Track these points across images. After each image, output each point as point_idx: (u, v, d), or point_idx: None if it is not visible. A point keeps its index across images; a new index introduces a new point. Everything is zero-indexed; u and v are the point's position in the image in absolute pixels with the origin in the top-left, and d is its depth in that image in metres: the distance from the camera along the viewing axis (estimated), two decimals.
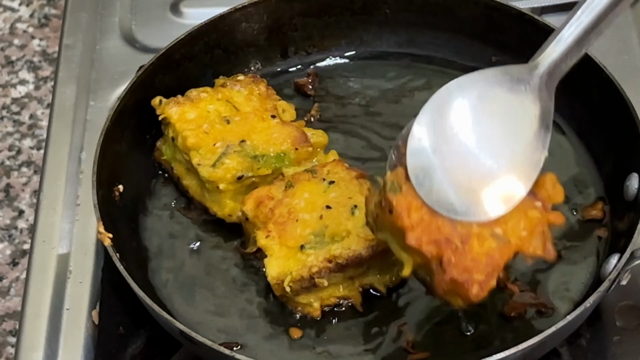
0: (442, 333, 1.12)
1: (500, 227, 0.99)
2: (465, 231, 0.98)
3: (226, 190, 1.17)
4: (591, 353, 1.13)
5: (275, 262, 1.10)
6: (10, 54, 1.59)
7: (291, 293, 1.10)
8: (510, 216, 1.00)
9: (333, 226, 1.11)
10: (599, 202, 1.20)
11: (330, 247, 1.10)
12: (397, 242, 1.02)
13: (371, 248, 1.09)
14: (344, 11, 1.34)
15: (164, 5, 1.48)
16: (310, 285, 1.10)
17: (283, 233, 1.11)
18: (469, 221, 0.99)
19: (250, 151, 1.18)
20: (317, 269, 1.09)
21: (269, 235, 1.11)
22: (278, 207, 1.13)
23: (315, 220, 1.12)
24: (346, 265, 1.09)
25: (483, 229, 0.99)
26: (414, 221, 0.98)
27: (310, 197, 1.13)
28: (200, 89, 1.24)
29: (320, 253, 1.10)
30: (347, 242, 1.10)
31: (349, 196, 1.13)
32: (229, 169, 1.16)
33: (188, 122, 1.20)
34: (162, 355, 1.13)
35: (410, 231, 0.98)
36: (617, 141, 1.20)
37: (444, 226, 0.98)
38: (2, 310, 1.35)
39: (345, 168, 1.16)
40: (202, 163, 1.17)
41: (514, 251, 1.00)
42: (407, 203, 0.98)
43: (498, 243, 0.99)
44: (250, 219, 1.14)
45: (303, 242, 1.10)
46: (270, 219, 1.12)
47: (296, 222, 1.11)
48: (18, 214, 1.42)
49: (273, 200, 1.14)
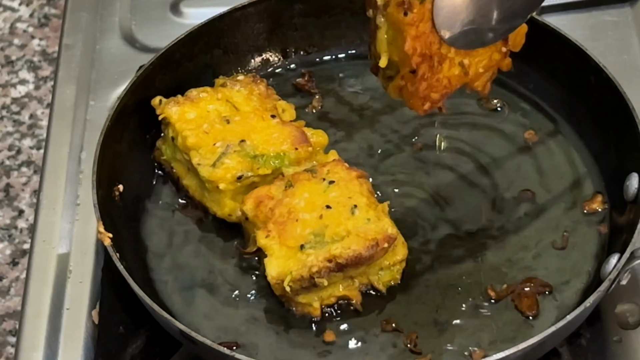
0: (444, 331, 1.12)
1: (468, 59, 1.07)
2: (445, 52, 1.05)
3: (226, 190, 1.17)
4: (591, 353, 1.13)
5: (275, 261, 1.10)
6: (10, 54, 1.59)
7: (291, 293, 1.10)
8: (480, 52, 1.07)
9: (333, 226, 1.11)
10: (598, 195, 1.21)
11: (330, 246, 1.10)
12: (390, 37, 1.04)
13: (371, 248, 1.09)
14: (344, 11, 1.34)
15: (164, 5, 1.48)
16: (310, 285, 1.10)
17: (283, 233, 1.11)
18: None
19: (250, 151, 1.18)
20: (317, 268, 1.09)
21: (269, 235, 1.11)
22: (278, 207, 1.13)
23: (315, 219, 1.11)
24: (346, 264, 1.09)
25: (456, 56, 1.06)
26: (420, 32, 1.02)
27: (310, 196, 1.13)
28: (200, 89, 1.24)
29: (320, 253, 1.09)
30: (347, 241, 1.10)
31: (349, 196, 1.13)
32: (228, 168, 1.16)
33: (188, 122, 1.20)
34: (162, 354, 1.13)
35: (412, 40, 1.02)
36: (617, 141, 1.20)
37: (434, 43, 1.04)
38: (2, 309, 1.35)
39: (345, 168, 1.16)
40: (202, 163, 1.17)
41: (466, 82, 1.09)
42: (422, 14, 1.02)
43: (460, 71, 1.07)
44: (250, 218, 1.14)
45: (303, 241, 1.10)
46: (270, 218, 1.12)
47: (296, 222, 1.11)
48: (18, 214, 1.42)
49: (273, 200, 1.13)
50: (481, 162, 1.25)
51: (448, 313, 1.13)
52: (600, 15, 1.42)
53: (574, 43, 1.24)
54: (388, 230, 1.10)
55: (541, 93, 1.29)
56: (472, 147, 1.26)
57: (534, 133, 1.27)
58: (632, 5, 1.42)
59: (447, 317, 1.12)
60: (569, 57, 1.25)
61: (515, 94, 1.30)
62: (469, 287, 1.14)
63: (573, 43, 1.24)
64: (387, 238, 1.10)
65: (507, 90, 1.30)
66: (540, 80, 1.29)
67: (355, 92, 1.32)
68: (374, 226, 1.11)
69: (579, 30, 1.35)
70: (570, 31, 1.25)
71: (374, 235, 1.10)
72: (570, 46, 1.24)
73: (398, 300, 1.14)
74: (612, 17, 1.42)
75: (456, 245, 1.18)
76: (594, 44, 1.28)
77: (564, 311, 1.11)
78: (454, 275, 1.16)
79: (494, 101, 1.29)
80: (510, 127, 1.28)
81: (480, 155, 1.25)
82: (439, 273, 1.16)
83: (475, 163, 1.25)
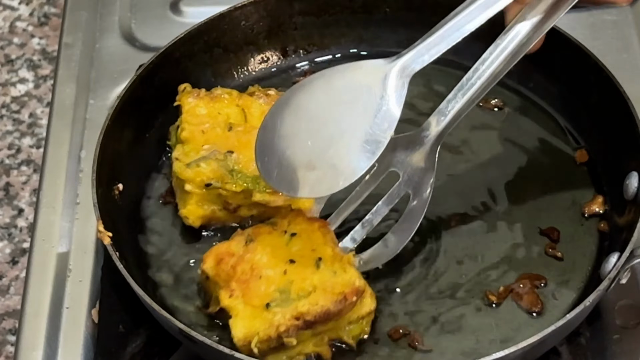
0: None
1: None
2: None
3: (192, 193, 1.15)
4: (591, 352, 1.13)
5: (240, 322, 1.05)
6: (10, 53, 1.59)
7: (259, 354, 1.04)
8: None
9: (298, 281, 1.06)
10: (598, 194, 1.21)
11: (297, 303, 1.05)
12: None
13: (339, 302, 1.05)
14: (344, 10, 1.34)
15: (164, 3, 1.48)
16: (278, 344, 1.05)
17: (247, 291, 1.06)
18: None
19: (231, 164, 1.15)
20: (285, 327, 1.04)
21: (232, 295, 1.06)
22: (240, 264, 1.08)
23: (279, 275, 1.07)
24: (314, 321, 1.05)
25: None
26: None
27: (272, 251, 1.09)
28: (226, 90, 1.22)
29: (287, 310, 1.05)
30: (314, 297, 1.05)
31: (312, 248, 1.09)
32: (200, 172, 1.15)
33: (194, 116, 1.19)
34: (161, 354, 1.13)
35: None
36: (617, 140, 1.20)
37: None
38: (2, 308, 1.35)
39: (306, 219, 1.12)
40: (180, 158, 1.16)
41: None
42: None
43: None
44: (211, 277, 1.10)
45: (268, 300, 1.05)
46: (232, 277, 1.08)
47: (260, 279, 1.07)
48: (18, 213, 1.42)
49: (234, 256, 1.09)
50: (480, 161, 1.25)
51: None
52: (600, 14, 1.42)
53: (573, 42, 1.24)
54: (355, 283, 1.06)
55: (541, 92, 1.29)
56: (472, 147, 1.26)
57: (533, 132, 1.27)
58: (632, 4, 1.42)
59: None
60: (569, 56, 1.25)
61: (514, 93, 1.30)
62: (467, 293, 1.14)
63: (573, 42, 1.24)
64: (355, 291, 1.06)
65: (507, 89, 1.30)
66: (540, 80, 1.29)
67: None
68: (340, 279, 1.06)
69: (578, 29, 1.35)
70: (570, 30, 1.25)
71: (342, 289, 1.05)
72: (570, 45, 1.24)
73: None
74: (611, 16, 1.42)
75: (455, 244, 1.18)
76: (593, 43, 1.28)
77: (564, 310, 1.11)
78: (455, 276, 1.16)
79: (493, 101, 1.29)
80: (509, 126, 1.28)
81: (479, 155, 1.25)
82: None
83: (474, 163, 1.25)
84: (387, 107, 1.05)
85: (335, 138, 1.05)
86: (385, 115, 1.05)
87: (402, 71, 1.06)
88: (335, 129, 1.05)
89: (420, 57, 1.07)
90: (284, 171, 1.05)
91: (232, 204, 1.16)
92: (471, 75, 1.14)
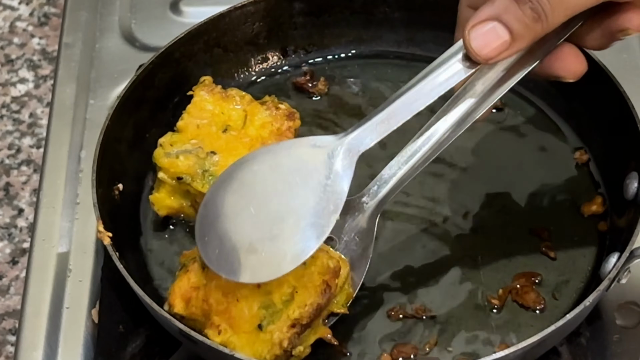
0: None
1: None
2: None
3: (163, 181, 1.16)
4: (591, 352, 1.13)
5: (242, 352, 1.01)
6: (10, 53, 1.59)
7: None
8: None
9: (275, 288, 1.02)
10: (598, 194, 1.21)
11: (287, 312, 1.02)
12: None
13: (325, 292, 1.03)
14: (344, 10, 1.34)
15: (164, 4, 1.48)
16: (287, 357, 1.04)
17: (233, 321, 1.02)
18: None
19: (207, 165, 1.15)
20: (287, 340, 1.02)
21: (220, 331, 1.02)
22: (210, 295, 1.03)
23: (254, 291, 1.02)
24: (311, 320, 1.03)
25: None
26: None
27: None
28: (240, 93, 1.21)
29: (281, 324, 1.02)
30: (299, 298, 1.03)
31: None
32: (175, 164, 1.15)
33: (199, 109, 1.19)
34: (161, 354, 1.13)
35: None
36: (617, 140, 1.20)
37: None
38: (2, 308, 1.35)
39: None
40: (163, 145, 1.17)
41: None
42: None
43: None
44: (187, 317, 1.06)
45: (258, 321, 1.02)
46: (209, 310, 1.03)
47: (238, 303, 1.02)
48: (18, 213, 1.42)
49: (199, 289, 1.05)
50: (479, 161, 1.25)
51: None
52: None
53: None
54: (330, 265, 1.04)
55: (541, 93, 1.29)
56: (471, 147, 1.26)
57: (533, 133, 1.27)
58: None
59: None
60: None
61: (515, 94, 1.30)
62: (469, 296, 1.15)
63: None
64: (333, 273, 1.04)
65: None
66: (540, 80, 1.28)
67: (355, 91, 1.32)
68: (314, 269, 1.04)
69: None
70: None
71: (320, 278, 1.03)
72: None
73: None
74: None
75: (452, 243, 1.18)
76: None
77: (564, 310, 1.11)
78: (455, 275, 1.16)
79: None
80: (509, 126, 1.28)
81: (479, 155, 1.25)
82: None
83: (473, 163, 1.25)
84: (332, 188, 1.01)
85: (279, 219, 1.00)
86: (331, 196, 1.00)
87: (350, 150, 1.02)
88: (279, 210, 1.00)
89: (368, 134, 1.02)
90: (225, 253, 1.00)
91: (199, 203, 1.16)
92: (415, 142, 1.10)
